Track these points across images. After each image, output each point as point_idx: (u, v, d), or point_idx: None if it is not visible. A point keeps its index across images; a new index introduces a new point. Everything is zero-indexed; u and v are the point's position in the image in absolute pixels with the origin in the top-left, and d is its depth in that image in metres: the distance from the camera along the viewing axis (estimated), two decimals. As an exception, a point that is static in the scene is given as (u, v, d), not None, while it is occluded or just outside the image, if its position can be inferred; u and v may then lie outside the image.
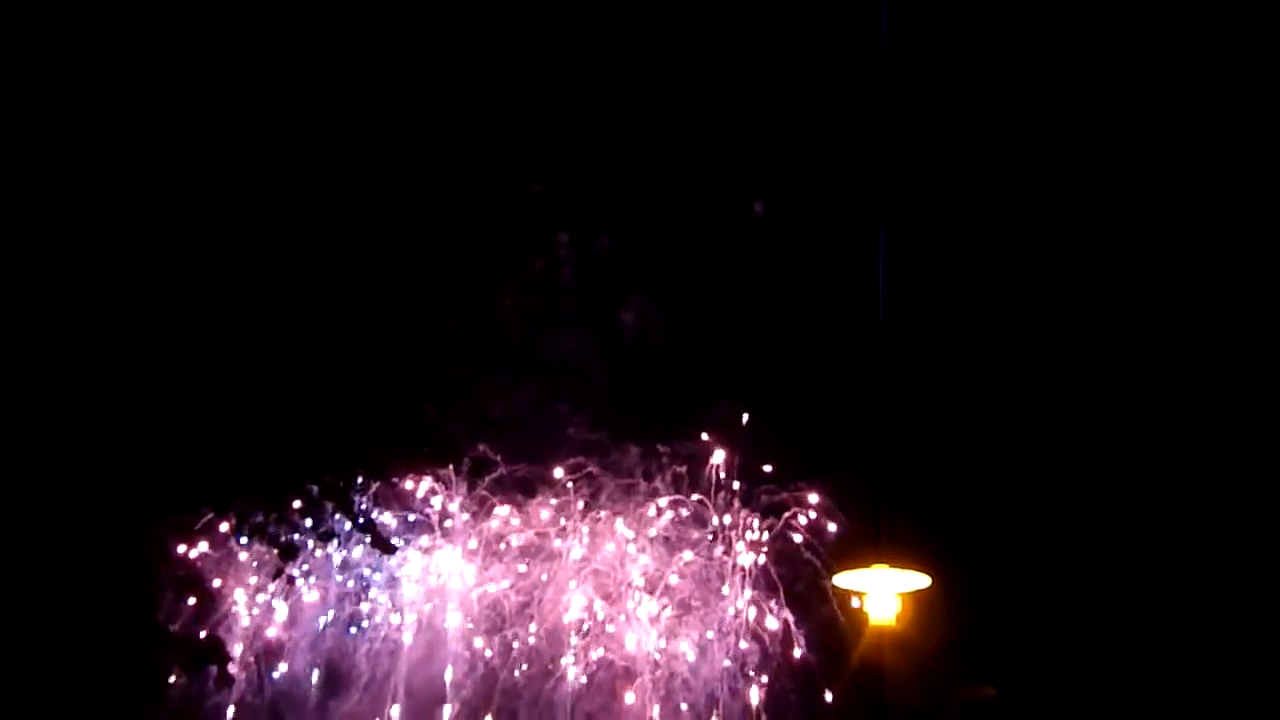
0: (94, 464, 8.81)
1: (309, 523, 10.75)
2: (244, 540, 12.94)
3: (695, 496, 25.87)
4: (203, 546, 15.66)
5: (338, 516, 10.90)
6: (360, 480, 11.73)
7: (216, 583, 16.05)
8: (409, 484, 20.46)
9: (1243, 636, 13.04)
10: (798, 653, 24.40)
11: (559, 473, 23.90)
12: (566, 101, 13.55)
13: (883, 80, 12.66)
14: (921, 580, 12.16)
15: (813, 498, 24.72)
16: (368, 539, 11.90)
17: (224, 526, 12.73)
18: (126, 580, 9.73)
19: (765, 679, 24.32)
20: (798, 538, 25.36)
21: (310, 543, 12.54)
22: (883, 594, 12.27)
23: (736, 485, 25.38)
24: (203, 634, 13.16)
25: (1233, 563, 13.10)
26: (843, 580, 12.96)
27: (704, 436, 25.73)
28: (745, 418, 24.91)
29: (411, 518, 23.20)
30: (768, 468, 24.95)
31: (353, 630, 22.54)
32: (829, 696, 22.54)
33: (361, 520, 11.28)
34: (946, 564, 12.62)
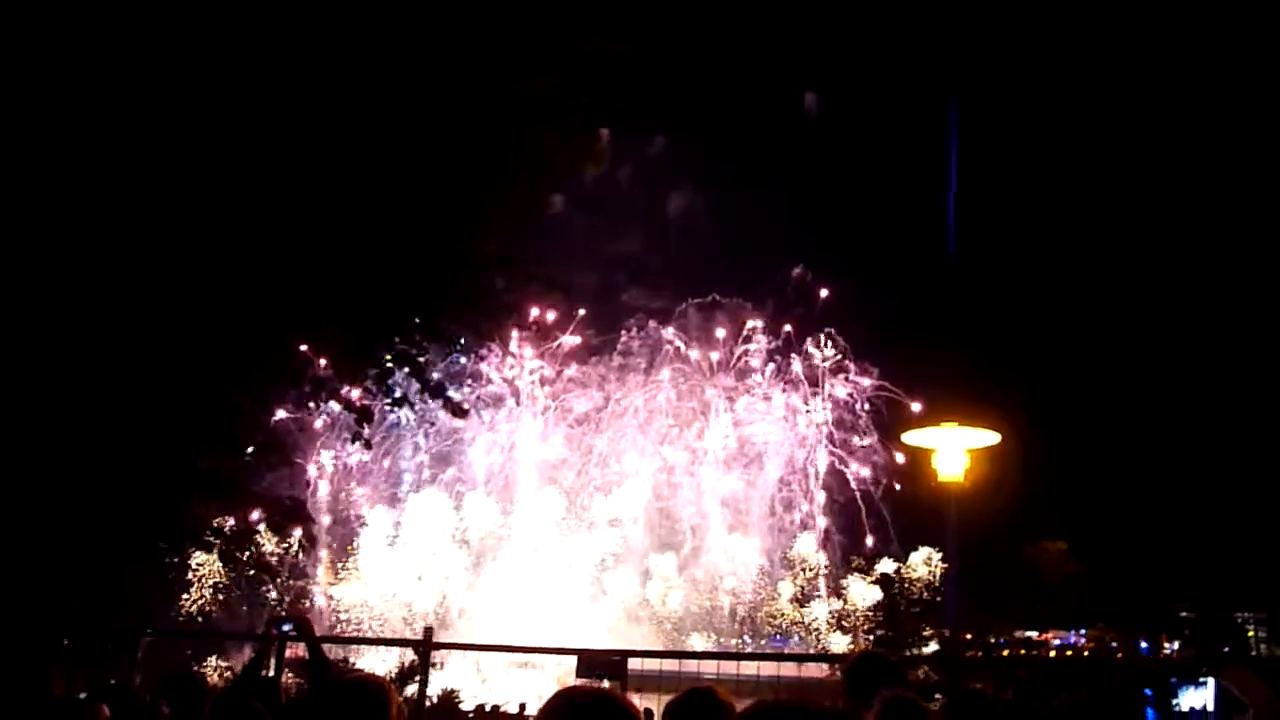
0: (183, 337, 9.01)
1: (384, 388, 10.96)
2: (320, 406, 13.21)
3: (760, 360, 25.94)
4: (281, 414, 16.11)
5: (412, 383, 11.05)
6: (429, 344, 11.82)
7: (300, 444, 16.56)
8: (480, 353, 20.78)
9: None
10: (861, 505, 24.72)
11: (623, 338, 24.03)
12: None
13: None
14: (991, 437, 12.09)
15: (876, 366, 24.71)
16: (439, 403, 12.06)
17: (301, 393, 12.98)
18: (216, 447, 10.05)
19: (825, 530, 24.76)
20: (860, 402, 25.43)
21: (387, 406, 12.78)
22: (951, 451, 12.23)
23: (806, 349, 25.43)
24: (287, 497, 13.61)
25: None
26: (912, 438, 12.94)
27: (769, 302, 25.65)
28: (813, 284, 24.70)
29: (476, 388, 23.63)
30: (831, 332, 24.89)
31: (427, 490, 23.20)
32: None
33: (433, 384, 11.42)
34: (1016, 421, 12.57)
